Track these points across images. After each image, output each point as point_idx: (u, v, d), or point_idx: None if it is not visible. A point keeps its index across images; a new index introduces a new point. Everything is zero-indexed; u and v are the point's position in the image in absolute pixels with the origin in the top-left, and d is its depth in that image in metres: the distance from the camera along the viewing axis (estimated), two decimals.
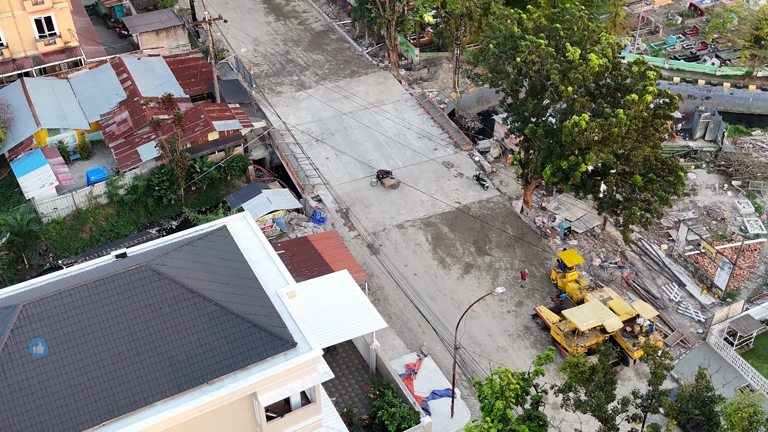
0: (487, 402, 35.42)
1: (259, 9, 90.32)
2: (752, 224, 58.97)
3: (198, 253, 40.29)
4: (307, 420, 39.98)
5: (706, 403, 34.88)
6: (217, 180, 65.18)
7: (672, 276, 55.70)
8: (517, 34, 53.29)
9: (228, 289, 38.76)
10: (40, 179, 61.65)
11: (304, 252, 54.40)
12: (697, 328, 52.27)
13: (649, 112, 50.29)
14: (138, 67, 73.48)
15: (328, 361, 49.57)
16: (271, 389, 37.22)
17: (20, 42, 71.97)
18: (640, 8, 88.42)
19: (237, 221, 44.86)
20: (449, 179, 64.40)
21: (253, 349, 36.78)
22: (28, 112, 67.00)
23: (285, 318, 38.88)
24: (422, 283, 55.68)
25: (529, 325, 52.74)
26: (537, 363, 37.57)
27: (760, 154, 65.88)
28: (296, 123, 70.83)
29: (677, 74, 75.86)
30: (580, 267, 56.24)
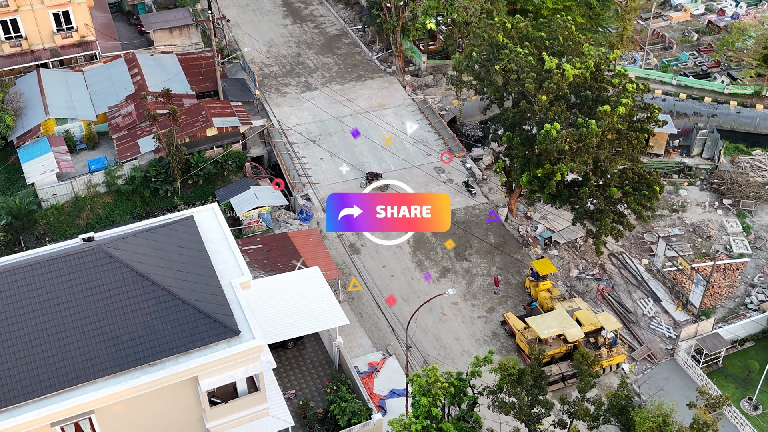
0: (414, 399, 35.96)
1: (278, 12, 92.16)
2: (738, 244, 58.24)
3: (156, 239, 41.68)
4: (252, 408, 41.01)
5: (624, 411, 34.90)
6: (214, 175, 66.72)
7: (649, 291, 55.36)
8: (500, 42, 53.75)
9: (180, 276, 40.04)
10: (42, 166, 64.05)
11: (282, 247, 55.58)
12: (666, 344, 51.88)
13: (625, 125, 50.22)
14: (149, 63, 75.73)
15: (294, 354, 50.63)
16: (212, 375, 38.35)
17: (39, 34, 74.80)
18: (657, 23, 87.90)
19: (205, 212, 46.17)
20: (438, 184, 64.98)
21: (196, 334, 37.97)
22: (40, 101, 69.61)
23: (234, 307, 40.00)
24: (397, 284, 56.37)
25: (497, 332, 53.01)
26: (474, 365, 37.97)
27: (757, 173, 64.96)
28: (297, 123, 72.23)
29: (685, 91, 75.14)
30: (557, 277, 56.31)
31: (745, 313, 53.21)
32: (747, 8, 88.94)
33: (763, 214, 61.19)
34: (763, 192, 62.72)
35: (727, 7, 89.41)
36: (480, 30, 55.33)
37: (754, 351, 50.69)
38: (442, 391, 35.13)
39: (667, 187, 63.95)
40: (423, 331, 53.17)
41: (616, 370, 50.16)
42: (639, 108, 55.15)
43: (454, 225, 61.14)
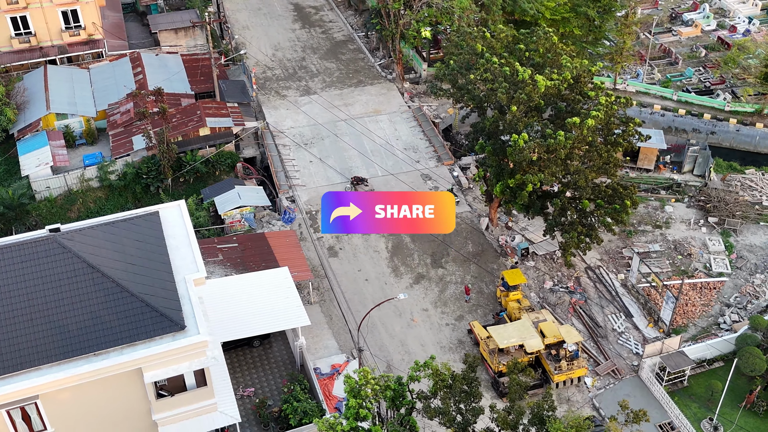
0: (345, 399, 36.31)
1: (288, 16, 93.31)
2: (718, 263, 57.43)
3: (115, 233, 42.67)
4: (200, 402, 41.67)
5: (543, 420, 34.78)
6: (205, 174, 67.84)
7: (621, 306, 54.90)
8: (479, 51, 53.89)
9: (133, 269, 40.92)
10: (38, 159, 65.84)
11: (257, 247, 56.34)
12: (633, 360, 51.38)
13: (596, 137, 49.96)
14: (153, 63, 77.34)
15: (260, 353, 51.29)
16: (157, 367, 39.12)
17: (47, 31, 77.00)
18: (666, 38, 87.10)
19: (171, 209, 47.10)
20: (423, 191, 65.16)
21: (142, 327, 38.78)
22: (43, 96, 71.55)
23: (184, 302, 40.72)
24: (371, 288, 56.72)
25: (463, 340, 53.05)
26: (414, 369, 38.16)
27: (747, 193, 63.95)
28: (291, 126, 73.10)
29: (685, 107, 74.30)
30: (531, 288, 56.17)
31: (716, 333, 52.44)
32: (759, 25, 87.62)
33: (749, 234, 60.25)
34: (750, 211, 61.75)
35: (740, 23, 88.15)
36: (458, 39, 55.52)
37: (722, 371, 49.91)
38: (372, 394, 35.39)
39: (653, 203, 63.38)
40: (390, 335, 53.45)
41: (578, 384, 49.83)
42: (620, 122, 54.90)
43: None
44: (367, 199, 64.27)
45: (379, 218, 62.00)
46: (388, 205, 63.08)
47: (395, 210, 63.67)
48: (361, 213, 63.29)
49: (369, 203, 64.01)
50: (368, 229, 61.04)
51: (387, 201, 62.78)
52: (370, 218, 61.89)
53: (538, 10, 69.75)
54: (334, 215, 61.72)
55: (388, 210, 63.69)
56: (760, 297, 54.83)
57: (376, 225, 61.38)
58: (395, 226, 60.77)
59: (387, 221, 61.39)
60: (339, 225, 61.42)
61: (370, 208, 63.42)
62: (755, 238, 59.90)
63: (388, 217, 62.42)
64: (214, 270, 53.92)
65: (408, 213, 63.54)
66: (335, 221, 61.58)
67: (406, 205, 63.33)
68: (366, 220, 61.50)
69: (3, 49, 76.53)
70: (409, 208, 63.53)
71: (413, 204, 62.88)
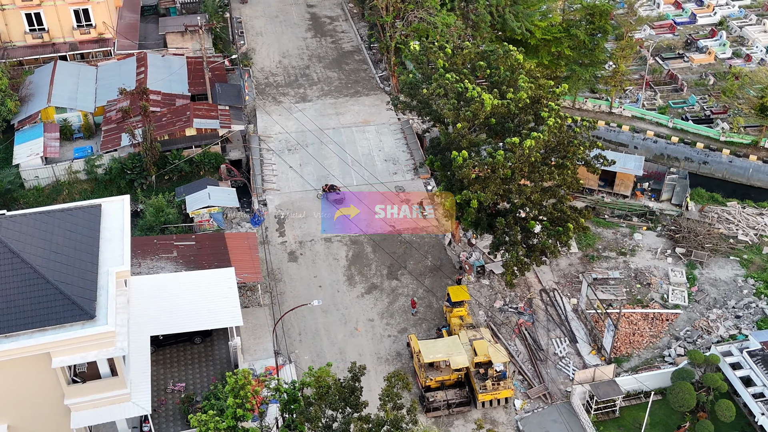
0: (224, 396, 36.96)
1: (303, 25, 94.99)
2: (676, 294, 56.02)
3: (48, 222, 44.42)
4: (111, 391, 42.86)
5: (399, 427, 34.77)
6: (189, 173, 69.66)
7: (568, 331, 54.12)
8: (438, 65, 54.09)
9: (56, 258, 42.50)
10: (30, 149, 68.77)
11: (214, 247, 57.60)
12: (567, 386, 50.57)
13: (537, 158, 49.51)
14: (157, 63, 79.83)
15: (199, 350, 52.19)
16: (65, 353, 40.52)
17: (60, 29, 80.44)
18: (677, 64, 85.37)
19: (115, 203, 48.72)
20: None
21: (53, 313, 40.28)
22: (47, 90, 74.66)
23: (100, 294, 42.10)
24: (322, 295, 57.30)
25: (402, 352, 53.13)
26: (306, 375, 38.61)
27: (723, 226, 62.18)
28: (280, 131, 74.45)
29: (679, 134, 72.77)
30: (481, 306, 55.89)
31: (659, 365, 51.21)
32: None
33: (715, 268, 58.58)
34: (722, 245, 60.03)
35: (756, 52, 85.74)
36: (419, 53, 55.83)
37: (658, 404, 48.71)
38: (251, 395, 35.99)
39: (623, 230, 62.25)
40: (331, 342, 53.94)
41: (506, 405, 49.36)
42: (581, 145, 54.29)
43: (398, 244, 61.66)
44: (367, 199, 65.52)
45: (380, 218, 63.09)
46: (388, 205, 64.26)
47: (395, 210, 64.96)
48: (360, 212, 64.49)
49: (369, 203, 65.21)
50: (369, 228, 62.17)
51: (387, 201, 63.87)
52: (370, 218, 63.03)
53: (528, 29, 69.36)
54: (337, 215, 63.18)
55: (388, 210, 64.96)
56: (712, 332, 53.27)
57: (376, 225, 62.45)
58: (395, 225, 61.71)
59: (387, 221, 62.37)
60: (340, 225, 62.95)
61: (371, 208, 64.62)
62: (721, 272, 58.21)
63: (388, 216, 63.58)
64: (165, 266, 55.39)
65: (408, 213, 64.59)
66: (337, 221, 63.15)
67: (406, 205, 64.30)
68: (366, 220, 62.63)
69: (17, 44, 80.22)
70: (409, 208, 64.59)
71: (413, 204, 63.93)
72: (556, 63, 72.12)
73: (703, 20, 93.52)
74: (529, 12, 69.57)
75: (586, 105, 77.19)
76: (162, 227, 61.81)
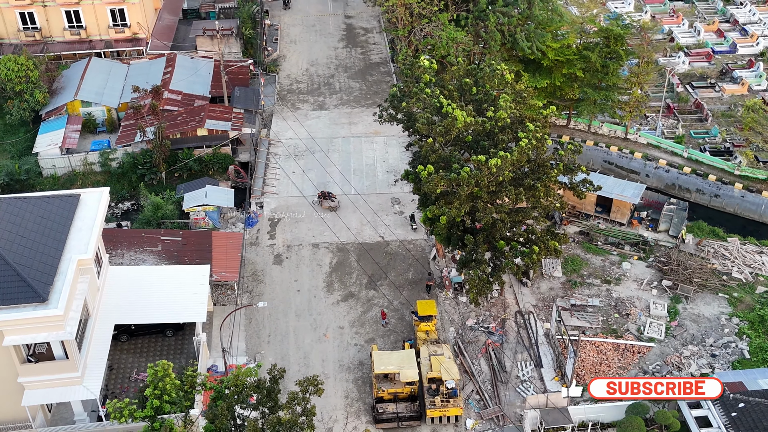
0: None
1: (337, 35, 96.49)
2: (653, 328, 54.56)
3: (22, 207, 46.75)
4: (62, 374, 44.72)
5: None
6: (198, 172, 71.80)
7: (536, 355, 53.40)
8: (425, 81, 54.41)
9: (21, 242, 44.68)
10: (50, 139, 72.16)
11: (198, 244, 59.21)
12: (523, 410, 49.90)
13: (506, 177, 49.15)
14: (185, 65, 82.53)
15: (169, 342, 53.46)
16: (16, 333, 42.62)
17: (96, 26, 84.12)
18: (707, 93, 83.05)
19: (94, 195, 50.85)
20: (388, 214, 66.02)
21: (8, 293, 42.39)
22: (77, 84, 78.16)
23: (58, 279, 44.05)
24: (299, 299, 58.22)
25: (365, 362, 53.44)
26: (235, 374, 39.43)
27: (719, 262, 60.20)
28: (291, 137, 75.88)
29: (693, 165, 70.84)
30: (453, 322, 55.75)
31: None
32: None
33: (701, 303, 56.78)
34: (713, 280, 58.13)
35: None
36: (404, 67, 56.14)
37: None
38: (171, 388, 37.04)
39: (612, 258, 60.99)
40: (297, 347, 54.72)
41: (456, 424, 49.05)
42: (567, 168, 53.76)
43: (383, 254, 62.03)
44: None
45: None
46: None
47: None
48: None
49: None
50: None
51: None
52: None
53: (539, 49, 68.86)
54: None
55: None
56: (683, 369, 51.66)
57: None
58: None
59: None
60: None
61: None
62: (706, 308, 56.38)
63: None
64: (148, 259, 57.27)
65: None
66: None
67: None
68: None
69: (57, 39, 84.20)
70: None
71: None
72: (569, 85, 71.28)
73: (745, 50, 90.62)
74: (542, 32, 68.98)
75: (601, 129, 75.97)
76: (159, 222, 63.87)
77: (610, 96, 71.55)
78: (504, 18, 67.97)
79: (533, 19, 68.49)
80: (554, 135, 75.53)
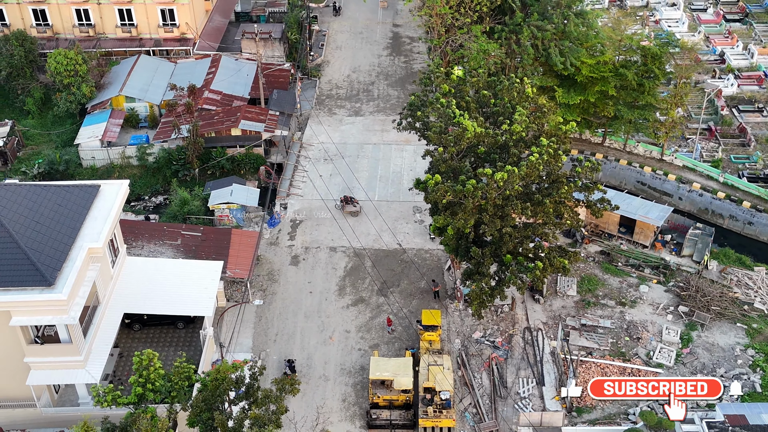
0: None
1: (382, 43, 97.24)
2: (663, 353, 53.28)
3: (41, 194, 48.70)
4: (65, 356, 46.36)
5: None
6: (230, 170, 73.38)
7: (539, 373, 52.80)
8: (444, 91, 54.52)
9: (35, 227, 46.55)
10: (92, 132, 74.84)
11: (217, 240, 60.55)
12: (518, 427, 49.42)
13: (514, 192, 48.80)
14: (229, 66, 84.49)
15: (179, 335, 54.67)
16: (22, 314, 44.41)
17: (147, 25, 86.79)
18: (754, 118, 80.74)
19: (114, 186, 52.58)
20: (408, 222, 66.24)
21: (17, 275, 44.24)
22: (123, 80, 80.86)
23: (67, 265, 45.73)
24: (310, 300, 58.92)
25: (366, 367, 53.66)
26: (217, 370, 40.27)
27: (742, 291, 58.40)
28: (323, 141, 76.79)
29: (728, 190, 68.93)
30: (459, 334, 55.59)
31: (619, 422, 49.01)
32: None
33: (716, 332, 55.17)
34: (732, 309, 56.43)
35: None
36: (424, 77, 56.29)
37: None
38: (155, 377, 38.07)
39: (631, 279, 59.82)
40: (301, 347, 55.38)
41: None
42: (584, 186, 53.11)
43: (399, 262, 62.25)
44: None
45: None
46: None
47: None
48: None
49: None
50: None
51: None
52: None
53: (573, 65, 68.11)
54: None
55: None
56: None
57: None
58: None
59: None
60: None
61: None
62: (722, 338, 54.76)
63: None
64: (166, 251, 58.86)
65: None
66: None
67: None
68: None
69: (109, 36, 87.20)
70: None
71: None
72: (603, 102, 70.27)
73: None
74: (576, 48, 68.22)
75: (637, 149, 74.61)
76: (184, 217, 65.52)
77: (646, 115, 70.25)
78: (538, 32, 67.48)
79: (568, 34, 67.77)
80: (588, 152, 74.64)
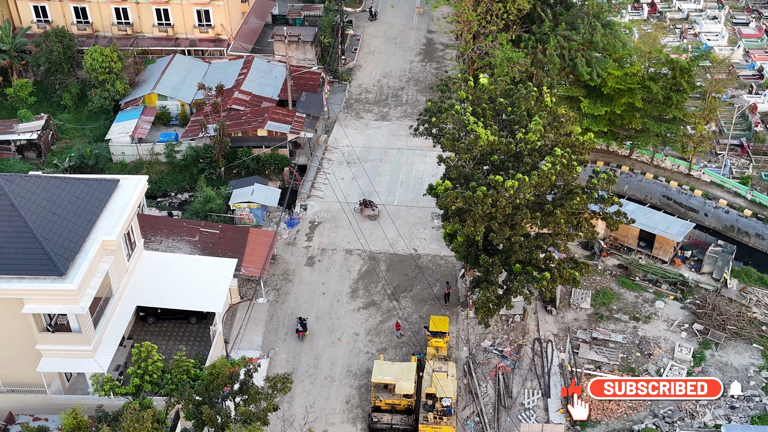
0: None
1: (415, 49, 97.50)
2: (673, 371, 52.40)
3: (60, 186, 49.94)
4: (74, 345, 47.42)
5: None
6: (255, 170, 74.33)
7: (546, 385, 52.37)
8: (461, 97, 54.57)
9: (52, 218, 47.77)
10: (124, 128, 76.55)
11: (234, 239, 61.38)
12: None
13: (524, 201, 48.54)
14: (260, 67, 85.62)
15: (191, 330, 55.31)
16: (34, 302, 45.60)
17: (183, 25, 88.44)
18: None
19: (133, 181, 53.72)
20: (425, 228, 66.31)
21: (31, 264, 45.47)
22: (157, 79, 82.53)
23: (80, 256, 46.84)
24: (322, 302, 59.35)
25: (372, 369, 53.82)
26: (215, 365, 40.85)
27: (761, 311, 57.14)
28: (347, 144, 77.31)
29: (755, 208, 67.53)
30: (469, 342, 55.45)
31: None
32: None
33: (731, 351, 54.05)
34: (750, 329, 55.25)
35: None
36: (441, 84, 56.34)
37: None
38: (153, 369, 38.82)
39: (647, 295, 58.95)
40: (310, 347, 55.81)
41: None
42: (600, 199, 52.65)
43: (413, 267, 62.34)
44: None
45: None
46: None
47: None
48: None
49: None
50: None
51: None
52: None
53: (599, 75, 67.45)
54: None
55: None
56: (696, 417, 49.38)
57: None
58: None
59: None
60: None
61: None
62: (737, 358, 53.64)
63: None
64: (183, 247, 59.84)
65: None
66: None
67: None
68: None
69: (146, 35, 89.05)
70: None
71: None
72: (630, 114, 69.44)
73: None
74: (604, 59, 67.58)
75: (664, 163, 73.55)
76: (206, 214, 66.55)
77: (674, 129, 69.25)
78: (565, 42, 67.02)
79: (595, 45, 67.18)
80: (614, 164, 73.89)
